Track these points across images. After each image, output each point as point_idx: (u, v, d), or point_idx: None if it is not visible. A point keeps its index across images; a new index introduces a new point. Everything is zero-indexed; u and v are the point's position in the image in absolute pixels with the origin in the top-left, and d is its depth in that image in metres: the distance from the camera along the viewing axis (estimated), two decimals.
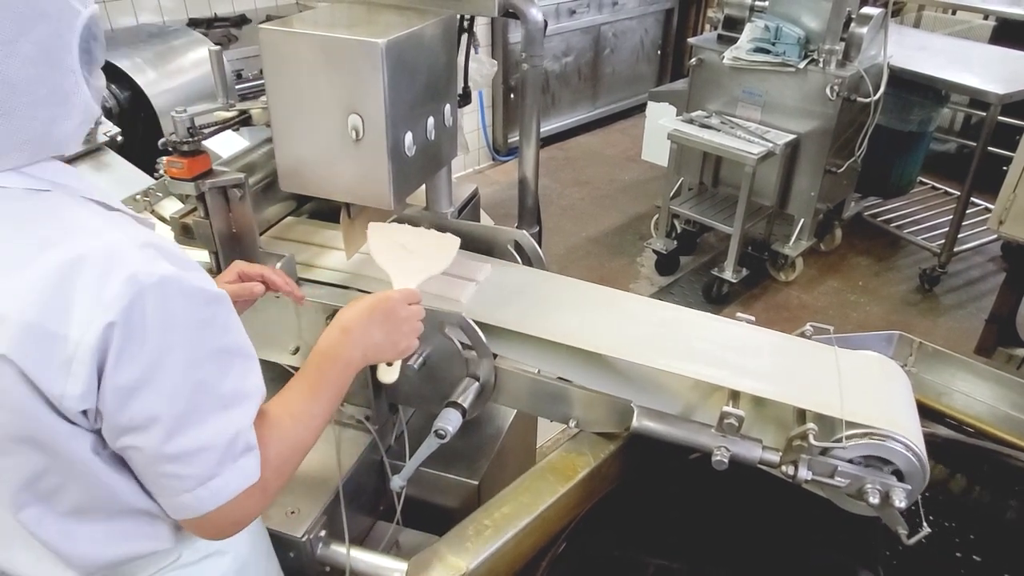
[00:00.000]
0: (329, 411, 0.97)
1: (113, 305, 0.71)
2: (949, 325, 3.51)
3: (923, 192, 4.27)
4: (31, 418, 0.74)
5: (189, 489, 0.79)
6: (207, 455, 0.79)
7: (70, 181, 0.81)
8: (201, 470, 0.79)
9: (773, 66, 3.26)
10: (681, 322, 1.35)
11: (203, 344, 0.78)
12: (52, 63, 0.74)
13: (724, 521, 1.34)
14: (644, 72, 5.80)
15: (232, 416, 0.81)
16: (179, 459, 0.78)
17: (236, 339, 0.83)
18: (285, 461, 0.90)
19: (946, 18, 5.02)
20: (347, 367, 1.00)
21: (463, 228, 1.55)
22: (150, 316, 0.73)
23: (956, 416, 1.43)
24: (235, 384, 0.82)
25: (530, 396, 1.31)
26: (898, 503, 1.06)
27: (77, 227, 0.76)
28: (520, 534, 1.15)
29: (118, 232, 0.76)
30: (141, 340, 0.73)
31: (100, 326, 0.71)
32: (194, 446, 0.78)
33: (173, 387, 0.76)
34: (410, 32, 1.21)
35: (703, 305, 3.58)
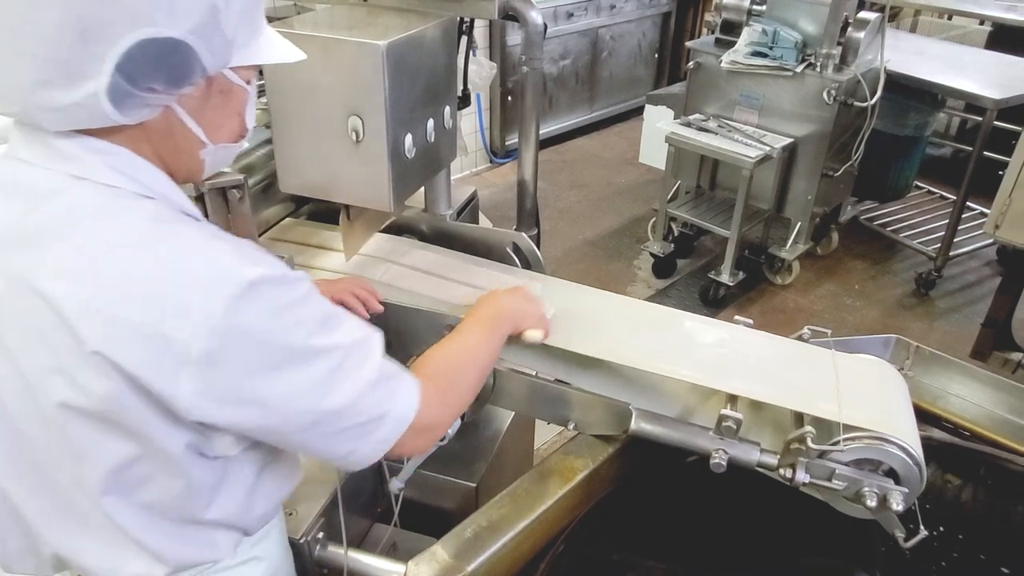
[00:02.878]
0: (484, 346, 1.08)
1: (219, 306, 0.72)
2: (945, 329, 3.52)
3: (919, 196, 4.29)
4: (135, 413, 0.75)
5: (369, 433, 0.84)
6: (362, 405, 0.83)
7: (171, 194, 0.82)
8: (367, 416, 0.83)
9: (770, 70, 3.27)
10: (679, 325, 1.35)
11: (310, 319, 0.80)
12: (81, 34, 0.70)
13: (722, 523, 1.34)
14: (641, 75, 5.81)
15: (368, 357, 0.85)
16: (341, 417, 0.82)
17: (324, 309, 0.84)
18: (454, 368, 1.02)
19: (942, 23, 5.04)
20: (498, 317, 1.13)
21: (462, 230, 1.55)
22: (259, 313, 0.75)
23: (952, 419, 1.43)
24: (352, 335, 0.85)
25: (528, 398, 1.31)
26: (895, 506, 1.06)
27: (183, 235, 0.77)
28: (518, 536, 1.15)
29: (214, 239, 0.78)
30: (259, 337, 0.75)
31: (209, 328, 0.72)
32: (348, 401, 0.82)
33: (307, 366, 0.78)
34: (410, 34, 1.21)
35: (700, 308, 3.58)
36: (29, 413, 0.78)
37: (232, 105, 0.86)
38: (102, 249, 0.74)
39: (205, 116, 0.83)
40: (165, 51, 0.73)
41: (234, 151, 0.92)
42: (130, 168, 0.79)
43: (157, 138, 0.81)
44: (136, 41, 0.71)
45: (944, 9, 4.72)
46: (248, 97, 0.88)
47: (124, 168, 0.78)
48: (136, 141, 0.80)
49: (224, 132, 0.87)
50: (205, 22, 0.75)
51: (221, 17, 0.76)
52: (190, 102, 0.80)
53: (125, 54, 0.71)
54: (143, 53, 0.72)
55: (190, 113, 0.81)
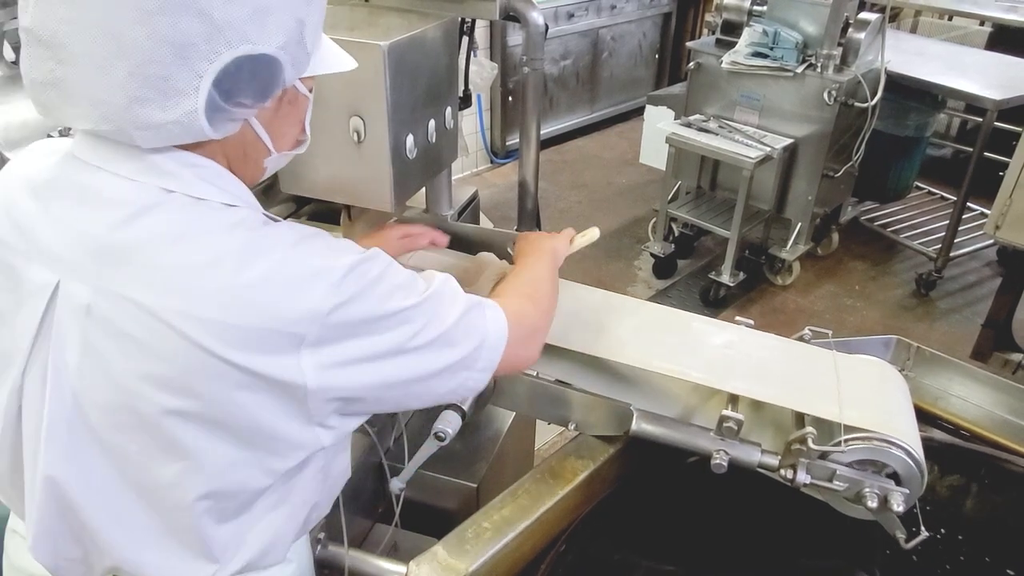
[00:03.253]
0: (552, 276, 1.18)
1: (326, 298, 0.76)
2: (945, 330, 3.52)
3: (919, 197, 4.29)
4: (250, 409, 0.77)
5: (472, 363, 0.89)
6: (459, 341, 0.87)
7: (252, 200, 0.84)
8: (466, 350, 0.88)
9: (771, 70, 3.27)
10: (680, 325, 1.35)
11: (397, 283, 0.83)
12: (178, 52, 0.70)
13: (723, 524, 1.34)
14: (642, 76, 5.81)
15: (454, 298, 0.89)
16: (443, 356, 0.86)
17: (402, 268, 0.88)
18: (526, 283, 1.10)
19: (942, 24, 5.04)
20: (550, 252, 1.23)
21: (463, 230, 1.55)
22: (358, 292, 0.78)
23: (953, 420, 1.43)
24: (432, 285, 0.88)
25: (529, 399, 1.31)
26: (896, 507, 1.07)
27: (275, 240, 0.79)
28: (519, 537, 1.15)
29: (305, 240, 0.80)
30: (364, 311, 0.79)
31: (321, 314, 0.75)
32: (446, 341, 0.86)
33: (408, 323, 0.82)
34: (412, 35, 1.22)
35: (700, 309, 3.58)
36: (124, 421, 0.78)
37: (296, 114, 0.89)
38: (205, 263, 0.75)
39: (274, 126, 0.85)
40: (259, 67, 0.75)
41: (290, 157, 0.94)
42: (218, 179, 0.81)
43: (230, 149, 0.83)
44: (233, 58, 0.72)
45: (944, 10, 4.72)
46: (309, 104, 0.91)
47: (213, 179, 0.80)
48: (213, 152, 0.81)
49: (288, 140, 0.90)
50: (292, 37, 0.77)
51: (305, 31, 0.79)
52: (264, 114, 0.82)
53: (223, 71, 0.72)
54: (238, 70, 0.73)
55: (263, 124, 0.83)
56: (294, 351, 0.75)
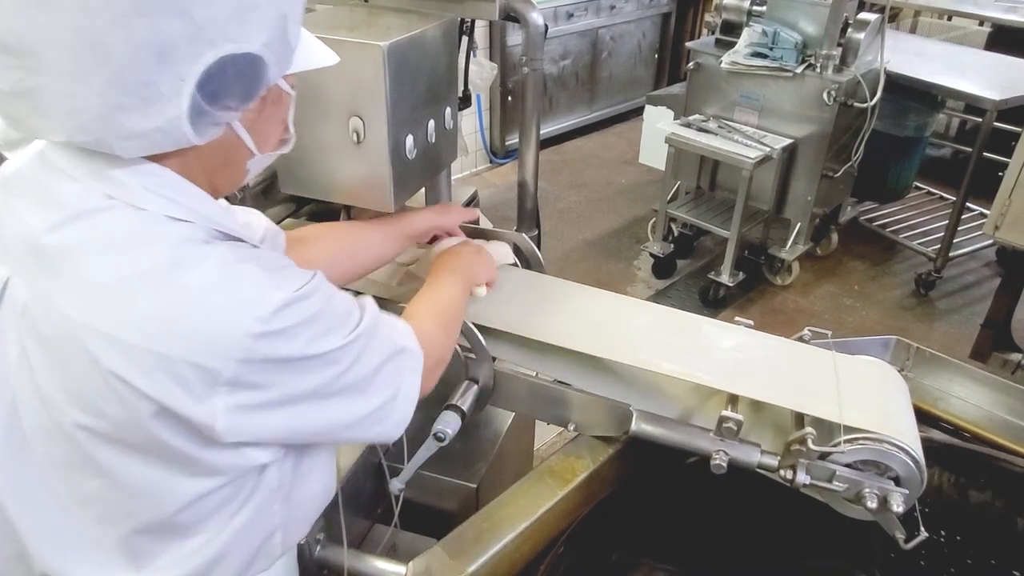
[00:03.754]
0: (459, 296, 1.16)
1: (252, 328, 0.72)
2: (944, 330, 3.52)
3: (919, 197, 4.29)
4: (162, 437, 0.74)
5: (387, 416, 0.90)
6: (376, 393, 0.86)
7: (210, 212, 0.79)
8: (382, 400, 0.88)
9: (770, 71, 3.27)
10: (680, 325, 1.35)
11: (329, 324, 0.80)
12: (159, 55, 0.67)
13: (723, 525, 1.34)
14: (641, 76, 5.81)
15: (379, 338, 0.86)
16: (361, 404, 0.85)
17: (338, 301, 0.84)
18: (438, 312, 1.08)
19: (942, 24, 5.05)
20: (459, 273, 1.20)
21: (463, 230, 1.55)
22: (285, 334, 0.74)
23: (953, 421, 1.43)
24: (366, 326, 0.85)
25: (529, 399, 1.31)
26: (896, 508, 1.06)
27: (209, 262, 0.74)
28: (519, 537, 1.15)
29: (242, 265, 0.76)
30: (287, 353, 0.75)
31: (241, 352, 0.71)
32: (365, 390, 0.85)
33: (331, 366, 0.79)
34: (412, 35, 1.21)
35: (699, 309, 3.58)
36: (46, 428, 0.76)
37: (280, 113, 0.85)
38: (128, 278, 0.71)
39: (257, 127, 0.81)
40: (243, 67, 0.72)
41: (273, 159, 0.90)
42: (169, 189, 0.76)
43: (208, 153, 0.78)
44: (217, 59, 0.69)
45: (944, 10, 4.72)
46: (292, 102, 0.87)
47: (162, 190, 0.76)
48: (187, 159, 0.77)
49: (271, 140, 0.86)
50: (276, 34, 0.74)
51: (288, 26, 0.75)
52: (247, 115, 0.79)
53: (206, 73, 0.69)
54: (222, 71, 0.70)
55: (246, 126, 0.79)
56: (208, 389, 0.71)
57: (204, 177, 0.81)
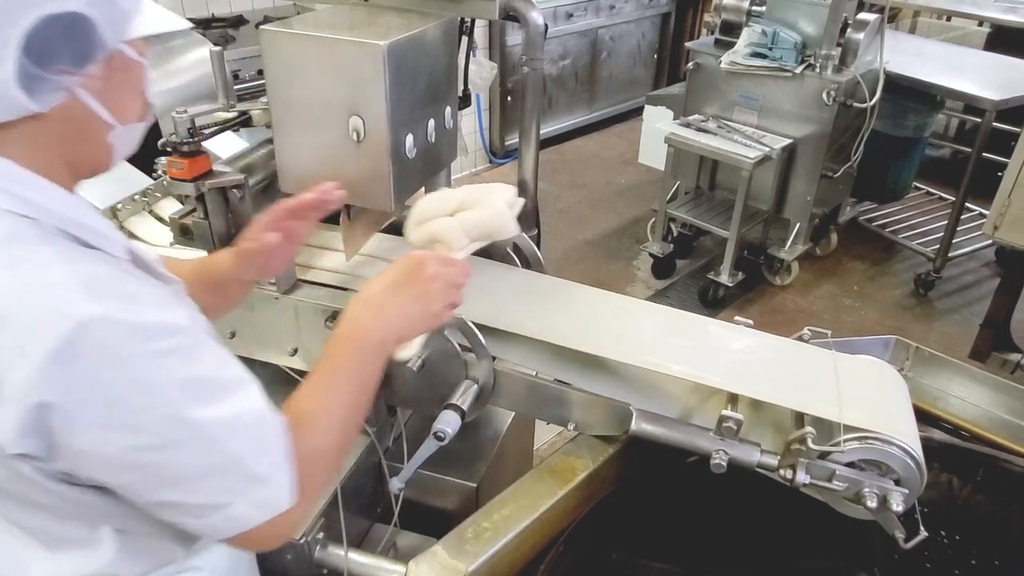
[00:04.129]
0: (362, 402, 0.91)
1: (48, 344, 0.67)
2: (944, 330, 3.53)
3: (918, 197, 4.30)
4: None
5: (201, 517, 0.78)
6: (207, 486, 0.76)
7: (54, 206, 0.76)
8: (208, 499, 0.77)
9: (770, 71, 3.27)
10: (680, 325, 1.36)
11: (162, 380, 0.73)
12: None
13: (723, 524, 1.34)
14: (641, 76, 5.82)
15: (227, 445, 0.76)
16: (176, 492, 0.76)
17: (210, 370, 0.77)
18: (314, 463, 0.85)
19: (941, 24, 5.05)
20: (379, 347, 0.93)
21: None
22: (91, 362, 0.69)
23: (952, 420, 1.44)
24: (218, 413, 0.76)
25: (529, 399, 1.31)
26: (896, 507, 1.07)
27: (25, 263, 0.71)
28: (519, 536, 1.15)
29: (64, 267, 0.72)
30: (85, 392, 0.69)
31: (35, 372, 0.67)
32: (186, 482, 0.75)
33: (135, 432, 0.72)
34: (412, 34, 1.21)
35: (699, 309, 3.59)
36: None
37: (133, 82, 0.82)
38: None
39: (110, 97, 0.79)
40: (68, 26, 0.71)
41: (140, 132, 0.87)
42: (7, 180, 0.74)
43: (60, 129, 0.77)
44: (38, 18, 0.68)
45: (943, 10, 4.73)
46: (144, 71, 0.84)
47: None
48: (35, 141, 0.76)
49: (131, 111, 0.83)
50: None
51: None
52: (94, 83, 0.76)
53: (28, 34, 0.68)
54: (46, 31, 0.69)
55: (95, 95, 0.77)
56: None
57: (61, 160, 0.79)
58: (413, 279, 0.96)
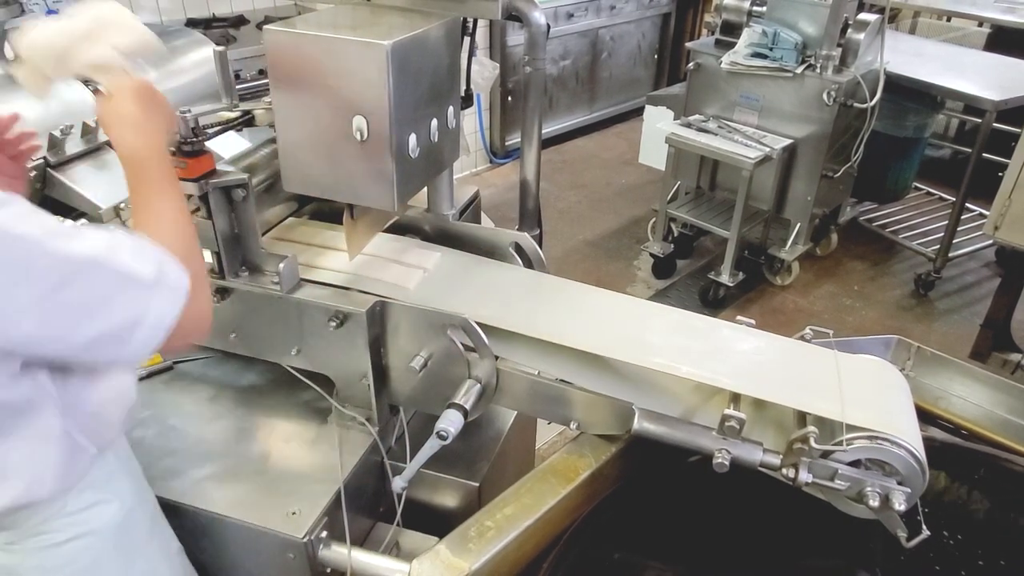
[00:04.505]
0: (174, 194, 1.02)
1: None
2: (944, 330, 3.53)
3: (918, 197, 4.30)
4: None
5: (128, 340, 0.84)
6: (117, 304, 0.82)
7: None
8: (124, 316, 0.83)
9: (770, 71, 3.27)
10: (682, 324, 1.36)
11: (31, 235, 0.77)
12: None
13: (724, 523, 1.35)
14: (641, 76, 5.82)
15: (112, 263, 0.82)
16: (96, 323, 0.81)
17: (56, 223, 0.82)
18: (178, 245, 0.93)
19: (941, 24, 5.06)
20: (161, 156, 1.03)
21: (464, 230, 1.56)
22: None
23: (953, 420, 1.44)
24: (88, 243, 0.81)
25: (531, 398, 1.31)
26: (898, 506, 1.07)
27: None
28: (522, 535, 1.16)
29: None
30: None
31: None
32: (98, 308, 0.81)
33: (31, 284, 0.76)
34: (415, 34, 1.22)
35: (699, 308, 3.59)
36: None
37: None
38: None
39: None
40: None
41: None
42: None
43: None
44: None
45: (943, 11, 4.73)
46: None
47: None
48: None
49: None
50: None
51: None
52: None
53: None
54: None
55: None
56: None
57: None
58: (152, 98, 1.05)
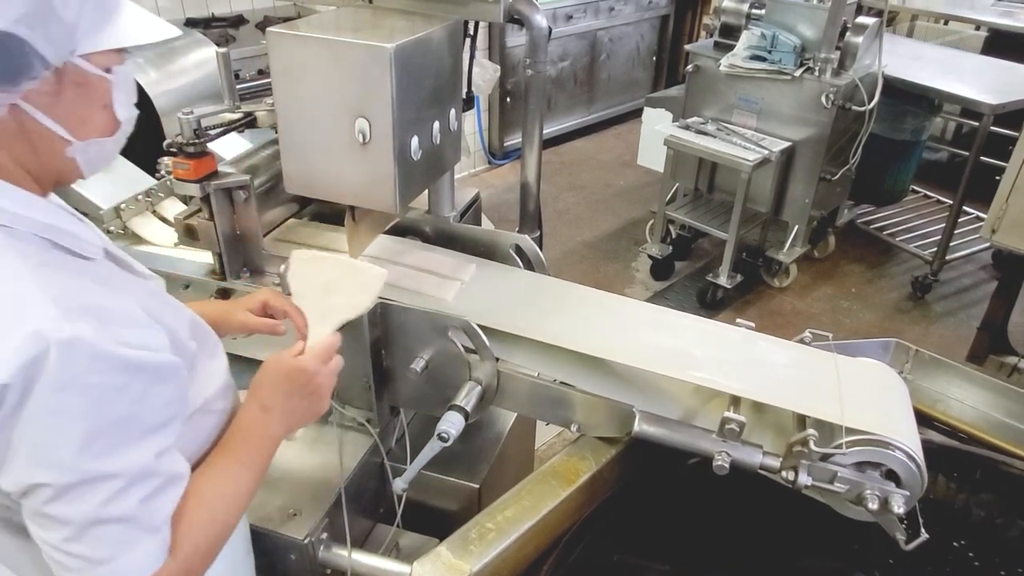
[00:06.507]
0: (254, 489, 0.93)
1: (7, 364, 0.67)
2: (941, 332, 3.54)
3: (916, 200, 4.31)
4: None
5: (77, 569, 0.74)
6: (97, 532, 0.74)
7: (30, 213, 0.76)
8: (90, 551, 0.74)
9: (769, 74, 3.28)
10: (682, 327, 1.36)
11: (105, 413, 0.73)
12: None
13: (724, 525, 1.35)
14: (639, 78, 5.83)
15: (129, 493, 0.75)
16: (63, 527, 0.73)
17: (154, 415, 0.77)
18: (212, 544, 0.85)
19: (938, 28, 5.07)
20: (271, 443, 0.96)
21: (466, 232, 1.56)
22: (47, 377, 0.68)
23: (951, 423, 1.45)
24: (140, 460, 0.76)
25: (532, 400, 1.32)
26: (897, 509, 1.07)
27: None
28: (523, 537, 1.16)
29: (33, 282, 0.72)
30: (34, 402, 0.69)
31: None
32: (80, 519, 0.73)
33: (62, 456, 0.71)
34: (418, 37, 1.22)
35: (697, 310, 3.59)
36: None
37: (94, 97, 0.79)
38: None
39: (62, 111, 0.76)
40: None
41: (111, 147, 0.84)
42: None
43: (10, 141, 0.75)
44: None
45: (941, 14, 4.75)
46: (112, 86, 0.80)
47: None
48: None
49: (93, 126, 0.80)
50: (35, 9, 0.69)
51: (56, 2, 0.71)
52: (40, 98, 0.74)
53: None
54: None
55: (43, 110, 0.75)
56: None
57: (16, 168, 0.77)
58: (305, 388, 0.99)
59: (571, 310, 1.38)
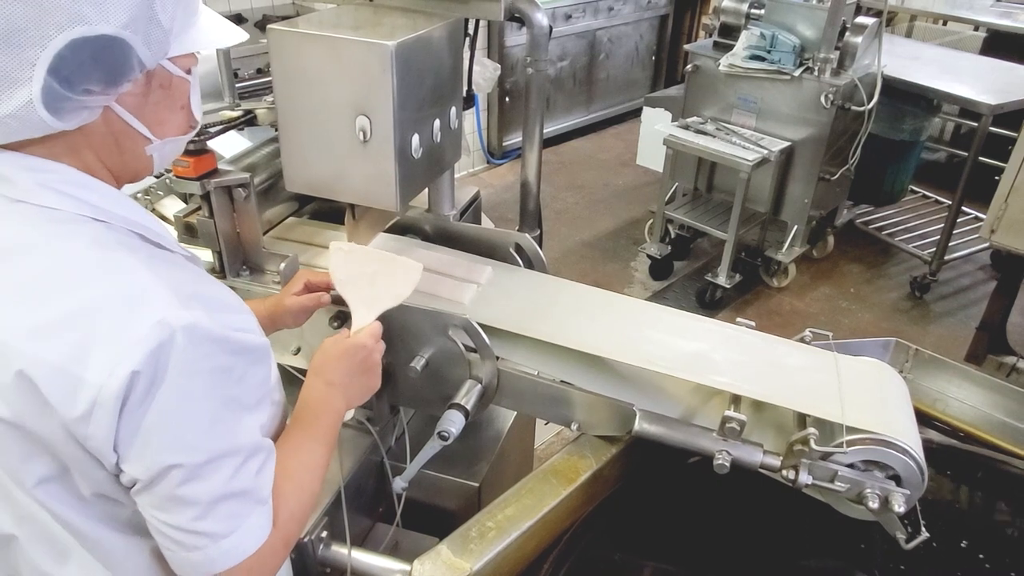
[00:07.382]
0: (328, 461, 0.99)
1: (137, 351, 0.70)
2: (939, 332, 3.54)
3: (914, 200, 4.32)
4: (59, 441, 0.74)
5: (201, 547, 0.78)
6: (221, 508, 0.78)
7: (119, 209, 0.79)
8: (214, 527, 0.78)
9: (768, 74, 3.28)
10: (682, 326, 1.36)
11: (222, 393, 0.77)
12: (5, 40, 0.66)
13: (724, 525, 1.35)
14: (639, 77, 5.83)
15: (247, 467, 0.80)
16: (192, 507, 0.76)
17: (254, 393, 0.83)
18: (303, 512, 0.91)
19: (937, 28, 5.08)
20: (338, 416, 1.03)
21: (466, 231, 1.56)
22: (174, 363, 0.72)
23: (951, 422, 1.45)
24: (251, 436, 0.81)
25: (532, 399, 1.32)
26: (897, 508, 1.07)
27: (108, 266, 0.74)
28: (523, 536, 1.16)
29: (149, 273, 0.75)
30: (165, 388, 0.72)
31: (124, 373, 0.69)
32: (207, 497, 0.76)
33: (192, 437, 0.75)
34: (419, 35, 1.22)
35: (696, 310, 3.59)
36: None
37: (175, 98, 0.83)
38: (32, 282, 0.72)
39: (147, 112, 0.79)
40: (99, 49, 0.70)
41: (183, 144, 0.89)
42: (70, 186, 0.76)
43: (98, 141, 0.78)
44: (67, 41, 0.67)
45: (940, 15, 4.76)
46: (191, 87, 0.84)
47: (62, 187, 0.75)
48: (77, 149, 0.77)
49: (170, 126, 0.84)
50: (140, 14, 0.71)
51: (157, 7, 0.73)
52: (130, 99, 0.77)
53: (57, 56, 0.68)
54: (76, 53, 0.68)
55: (131, 111, 0.78)
56: (88, 409, 0.70)
57: (101, 166, 0.79)
58: (364, 364, 1.07)
59: (571, 308, 1.38)
